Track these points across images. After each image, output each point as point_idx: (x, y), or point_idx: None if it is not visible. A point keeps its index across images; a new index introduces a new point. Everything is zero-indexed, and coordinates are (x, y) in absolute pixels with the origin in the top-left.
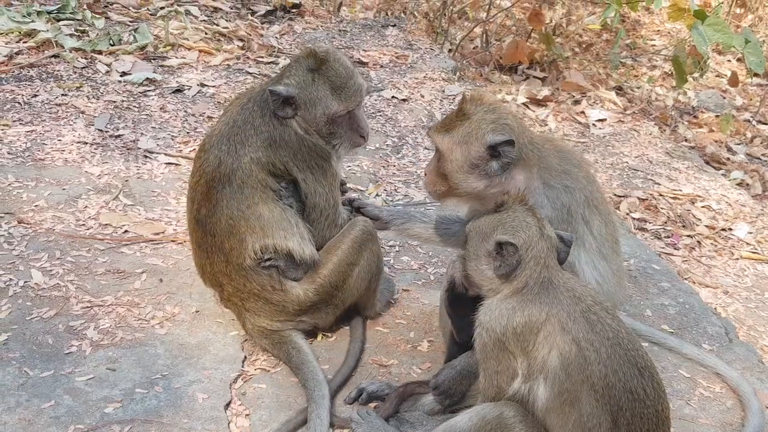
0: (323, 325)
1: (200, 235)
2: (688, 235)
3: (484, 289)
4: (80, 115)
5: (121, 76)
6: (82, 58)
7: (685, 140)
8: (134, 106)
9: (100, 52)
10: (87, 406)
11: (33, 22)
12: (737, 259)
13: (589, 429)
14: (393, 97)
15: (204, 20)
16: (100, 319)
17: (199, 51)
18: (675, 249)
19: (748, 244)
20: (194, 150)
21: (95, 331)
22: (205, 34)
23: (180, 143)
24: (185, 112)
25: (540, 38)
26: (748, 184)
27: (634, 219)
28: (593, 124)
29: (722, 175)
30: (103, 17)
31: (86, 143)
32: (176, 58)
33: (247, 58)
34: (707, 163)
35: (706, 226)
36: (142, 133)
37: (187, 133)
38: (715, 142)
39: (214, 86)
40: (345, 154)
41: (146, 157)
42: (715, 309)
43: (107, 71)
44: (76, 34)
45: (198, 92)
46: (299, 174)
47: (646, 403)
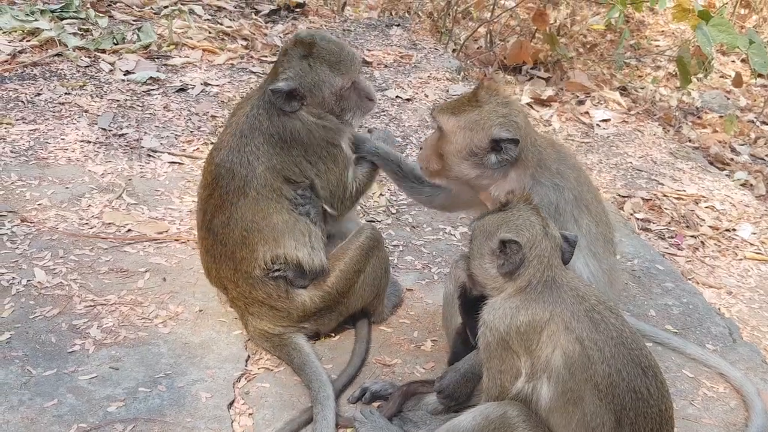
0: (325, 331)
1: (210, 242)
2: (692, 236)
3: (488, 288)
4: (83, 114)
5: (125, 75)
6: (86, 56)
7: (689, 141)
8: (138, 105)
9: (103, 51)
10: (90, 405)
11: (36, 20)
12: (741, 259)
13: (592, 428)
14: (397, 97)
15: (208, 19)
16: (103, 318)
17: (203, 50)
18: (679, 249)
19: (751, 244)
20: (198, 149)
21: (98, 330)
22: (209, 33)
23: (183, 142)
24: (189, 111)
25: (544, 38)
26: (751, 185)
27: (638, 219)
28: (597, 125)
29: (726, 175)
30: (106, 16)
31: (89, 142)
32: (180, 57)
33: (251, 57)
34: (711, 163)
35: (710, 227)
36: (146, 132)
37: (191, 132)
38: (719, 142)
39: (217, 85)
40: (359, 122)
41: (150, 156)
42: (719, 309)
43: (111, 70)
44: (80, 33)
45: (202, 91)
46: (312, 169)
47: (650, 403)
